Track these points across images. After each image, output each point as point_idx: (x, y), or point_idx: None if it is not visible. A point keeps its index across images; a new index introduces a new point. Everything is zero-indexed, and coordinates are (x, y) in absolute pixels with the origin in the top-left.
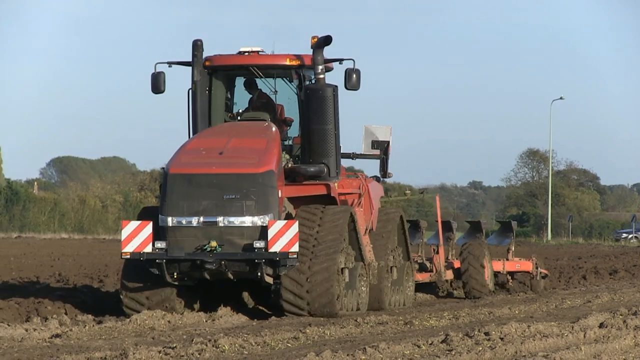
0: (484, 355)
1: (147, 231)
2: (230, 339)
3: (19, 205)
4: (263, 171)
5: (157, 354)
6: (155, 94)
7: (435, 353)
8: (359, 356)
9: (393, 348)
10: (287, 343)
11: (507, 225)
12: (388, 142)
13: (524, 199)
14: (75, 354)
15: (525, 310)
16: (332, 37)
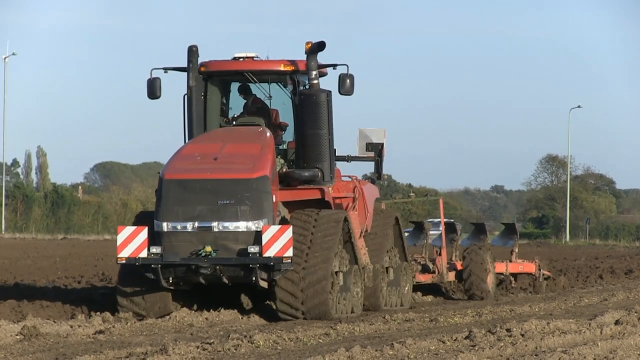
0: (505, 351)
1: (143, 236)
2: (265, 335)
3: (64, 208)
4: (257, 176)
5: (195, 349)
6: (151, 99)
7: (459, 348)
8: (387, 351)
9: (419, 344)
10: (318, 339)
11: (510, 227)
12: (382, 144)
13: (543, 202)
14: (118, 349)
15: (545, 308)
16: (325, 42)
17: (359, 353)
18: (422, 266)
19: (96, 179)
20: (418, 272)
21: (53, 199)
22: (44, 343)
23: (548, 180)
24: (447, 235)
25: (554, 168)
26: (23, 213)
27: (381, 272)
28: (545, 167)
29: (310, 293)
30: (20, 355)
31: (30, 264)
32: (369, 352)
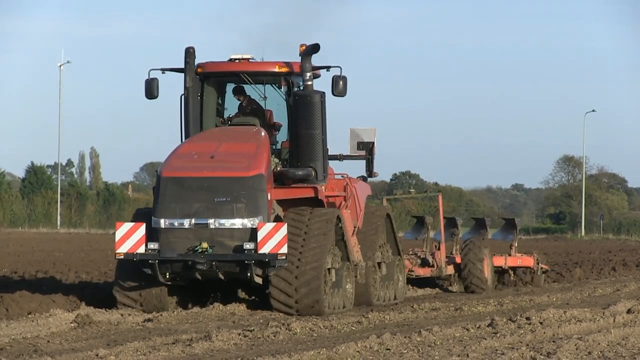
0: (525, 338)
1: (141, 232)
2: (302, 323)
3: (115, 205)
4: (253, 175)
5: (236, 336)
6: (148, 99)
7: (482, 335)
8: (415, 338)
9: (445, 331)
10: (351, 326)
11: (510, 222)
12: (373, 143)
13: (560, 199)
14: (165, 336)
15: (562, 298)
16: (319, 45)
17: (389, 339)
18: (422, 260)
19: (145, 178)
20: (417, 265)
21: (105, 197)
22: (96, 330)
23: (565, 179)
24: (447, 229)
25: (570, 168)
26: (77, 209)
27: (373, 269)
28: (562, 167)
29: (304, 289)
30: (74, 341)
31: (83, 257)
32: (398, 338)
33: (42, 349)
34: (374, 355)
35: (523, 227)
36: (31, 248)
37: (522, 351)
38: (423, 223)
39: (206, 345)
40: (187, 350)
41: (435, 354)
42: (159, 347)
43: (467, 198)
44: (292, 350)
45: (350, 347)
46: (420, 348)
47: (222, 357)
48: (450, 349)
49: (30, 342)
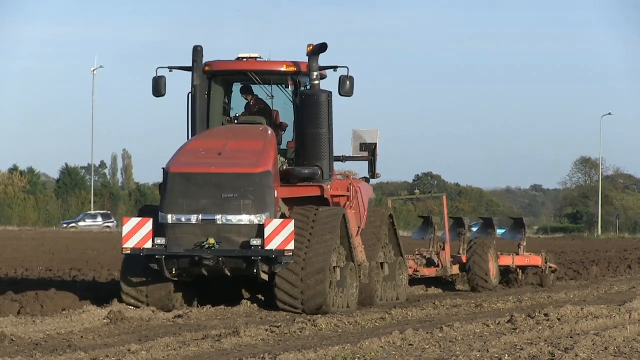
0: (543, 334)
1: (148, 228)
2: (327, 319)
3: None
4: (260, 171)
5: (264, 332)
6: (156, 97)
7: (502, 331)
8: (437, 334)
9: (466, 327)
10: (375, 323)
11: (519, 221)
12: (375, 144)
13: (578, 200)
14: (195, 332)
15: (579, 295)
16: (327, 44)
17: (412, 335)
18: (427, 260)
19: None
20: (423, 266)
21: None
22: (128, 326)
23: (582, 180)
24: (455, 229)
25: (587, 169)
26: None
27: (376, 269)
28: (580, 168)
29: (310, 286)
30: (107, 337)
31: (116, 255)
32: (421, 334)
33: (75, 345)
34: (397, 351)
35: (541, 226)
36: (65, 247)
37: (541, 347)
38: (430, 223)
39: (235, 341)
40: (216, 346)
41: (456, 349)
42: (189, 342)
43: (487, 198)
44: (317, 346)
45: (374, 342)
46: (442, 344)
47: (250, 353)
48: (471, 345)
49: (65, 337)
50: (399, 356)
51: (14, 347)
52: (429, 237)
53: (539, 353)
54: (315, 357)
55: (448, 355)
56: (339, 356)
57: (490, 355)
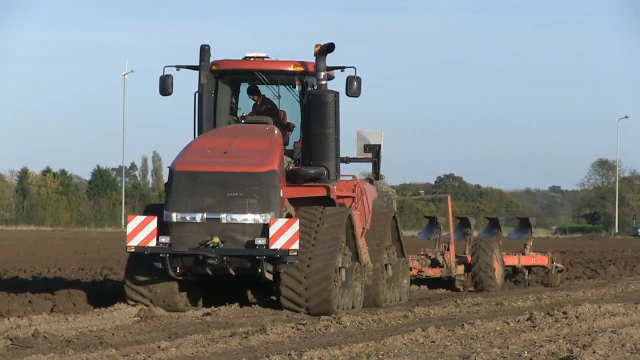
0: (562, 331)
1: (152, 226)
2: (351, 317)
3: None
4: (266, 170)
5: (290, 329)
6: (163, 95)
7: (522, 329)
8: (458, 331)
9: (486, 325)
10: (398, 320)
11: (525, 221)
12: (379, 145)
13: (595, 200)
14: (223, 329)
15: (597, 293)
16: (334, 44)
17: (434, 332)
18: (432, 260)
19: None
20: (427, 266)
21: None
22: (158, 324)
23: (599, 182)
24: (460, 229)
25: (605, 171)
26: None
27: (381, 270)
28: (597, 170)
29: (314, 286)
30: (137, 334)
31: None
32: (443, 331)
33: (107, 341)
34: (419, 348)
35: (560, 226)
36: (97, 247)
37: (559, 344)
38: (435, 223)
39: (261, 338)
40: (244, 343)
41: (477, 346)
42: (217, 339)
43: (507, 199)
44: (342, 343)
45: (397, 339)
46: (463, 340)
47: (276, 349)
48: (491, 342)
49: (96, 334)
50: (421, 353)
51: (47, 344)
52: (434, 237)
53: (557, 350)
54: (339, 353)
55: (469, 351)
56: (363, 353)
57: (510, 352)
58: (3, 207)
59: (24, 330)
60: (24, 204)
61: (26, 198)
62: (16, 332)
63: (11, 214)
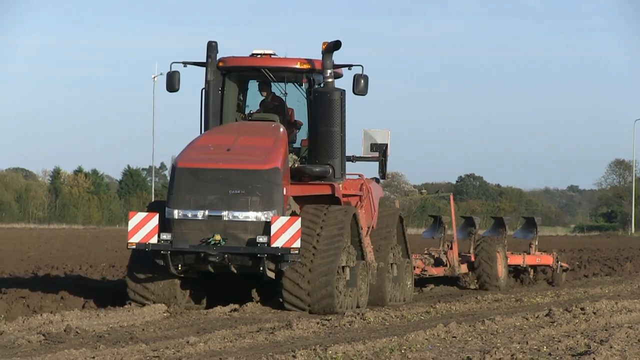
0: (580, 327)
1: (154, 223)
2: (375, 313)
3: None
4: (269, 168)
5: (315, 325)
6: (169, 92)
7: (540, 324)
8: (479, 327)
9: (506, 320)
10: (420, 316)
11: (530, 220)
12: (386, 145)
13: (612, 199)
14: (250, 325)
15: (614, 290)
16: (341, 42)
17: (455, 328)
18: (435, 259)
19: None
20: (431, 265)
21: None
22: (187, 319)
23: (616, 181)
24: (465, 229)
25: (621, 170)
26: None
27: (386, 270)
28: (614, 170)
29: (317, 285)
30: (167, 329)
31: None
32: (464, 327)
33: (137, 337)
34: (441, 343)
35: (578, 225)
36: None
37: (577, 339)
38: (440, 222)
39: (287, 333)
40: (270, 338)
41: (497, 341)
42: (244, 334)
43: (526, 198)
44: (366, 338)
45: (419, 335)
46: (484, 336)
47: (301, 344)
48: (511, 337)
49: (127, 330)
50: (443, 348)
51: (79, 339)
52: (438, 236)
53: (575, 345)
54: (363, 348)
55: (489, 346)
56: (386, 348)
57: (530, 347)
58: (36, 206)
59: (56, 326)
60: (57, 203)
61: (58, 197)
62: (49, 328)
63: (44, 212)
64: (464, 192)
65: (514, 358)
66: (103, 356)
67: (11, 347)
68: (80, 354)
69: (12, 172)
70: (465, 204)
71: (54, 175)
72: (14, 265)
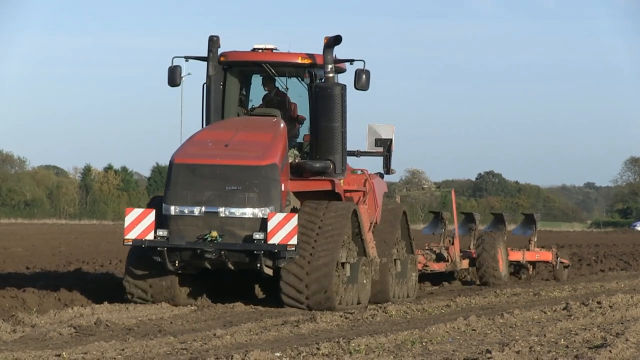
0: (596, 320)
1: (150, 219)
2: (397, 307)
3: None
4: (266, 164)
5: (339, 318)
6: (171, 86)
7: (558, 318)
8: (498, 320)
9: (524, 314)
10: (441, 309)
11: (530, 217)
12: (391, 140)
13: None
14: (275, 318)
15: (629, 284)
16: (341, 37)
17: (475, 321)
18: (437, 255)
19: None
20: (432, 260)
21: None
22: (214, 312)
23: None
24: (465, 225)
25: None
26: None
27: (389, 265)
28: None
29: (314, 283)
30: (194, 322)
31: None
32: (483, 320)
33: (165, 329)
34: (461, 335)
35: (594, 221)
36: None
37: (594, 332)
38: (440, 218)
39: (312, 326)
40: (295, 331)
41: (515, 334)
42: (270, 327)
43: (544, 195)
44: (388, 331)
45: (440, 327)
46: (503, 329)
47: (325, 337)
48: (529, 330)
49: (155, 323)
50: (463, 340)
51: (109, 332)
52: (439, 232)
53: (592, 338)
54: (385, 341)
55: (508, 339)
56: (408, 340)
57: (547, 340)
58: (67, 202)
59: (87, 319)
60: (87, 199)
61: (89, 194)
62: (79, 321)
63: (75, 208)
64: (483, 189)
65: (532, 350)
66: (132, 348)
67: (43, 339)
68: (110, 346)
69: (43, 170)
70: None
71: (84, 172)
72: (45, 260)
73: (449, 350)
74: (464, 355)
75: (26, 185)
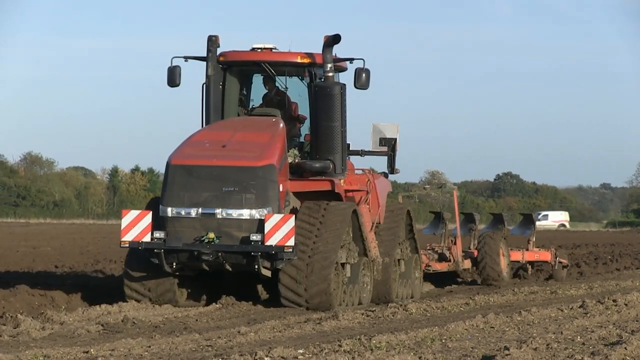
0: (612, 318)
1: (147, 221)
2: (417, 305)
3: None
4: (263, 165)
5: (360, 316)
6: (170, 87)
7: (574, 315)
8: (516, 318)
9: (542, 311)
10: (460, 307)
11: (528, 217)
12: (395, 139)
13: None
14: (298, 316)
15: None
16: (340, 35)
17: (493, 319)
18: (439, 255)
19: None
20: (435, 260)
21: None
22: (238, 310)
23: None
24: (466, 225)
25: None
26: None
27: (393, 265)
28: None
29: (313, 285)
30: (219, 320)
31: None
32: (501, 318)
33: (191, 327)
34: (480, 333)
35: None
36: None
37: (610, 329)
38: (441, 218)
39: (334, 324)
40: (317, 328)
41: (533, 331)
42: (293, 325)
43: (561, 195)
44: (408, 328)
45: (459, 325)
46: (520, 326)
47: (347, 334)
48: (546, 327)
49: (181, 320)
50: (482, 337)
51: (136, 329)
52: (440, 232)
53: (607, 335)
54: (406, 338)
55: (525, 336)
56: (428, 337)
57: (564, 337)
58: (95, 202)
59: (114, 317)
60: (114, 200)
61: (116, 194)
62: (107, 319)
63: (102, 209)
64: (501, 190)
65: (549, 347)
66: (158, 345)
67: (71, 336)
68: (137, 344)
69: (72, 171)
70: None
71: (112, 173)
72: (74, 259)
73: (467, 347)
74: (483, 352)
75: (55, 186)
